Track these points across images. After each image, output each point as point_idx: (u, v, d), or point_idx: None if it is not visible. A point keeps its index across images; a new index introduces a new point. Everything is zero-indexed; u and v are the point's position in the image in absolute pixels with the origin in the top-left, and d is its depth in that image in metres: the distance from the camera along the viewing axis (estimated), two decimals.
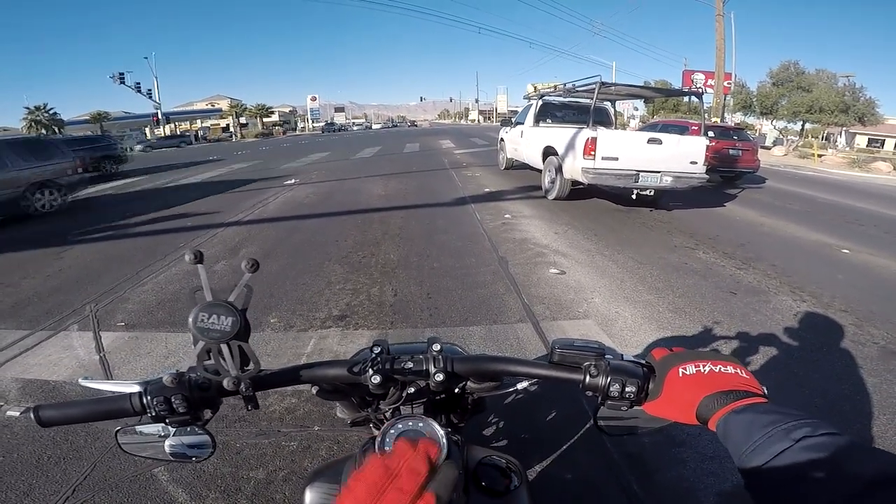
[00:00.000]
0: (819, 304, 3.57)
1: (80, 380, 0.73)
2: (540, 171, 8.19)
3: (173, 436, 0.65)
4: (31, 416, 0.59)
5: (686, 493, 1.73)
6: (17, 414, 0.62)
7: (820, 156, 19.87)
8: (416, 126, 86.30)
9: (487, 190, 8.70)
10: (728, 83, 25.27)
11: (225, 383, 0.56)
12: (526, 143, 9.12)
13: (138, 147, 35.49)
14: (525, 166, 9.89)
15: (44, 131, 37.47)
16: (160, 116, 43.55)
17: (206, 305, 0.54)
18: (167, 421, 0.60)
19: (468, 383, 0.75)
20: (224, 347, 0.55)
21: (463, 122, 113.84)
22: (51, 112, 38.11)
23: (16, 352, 2.86)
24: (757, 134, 29.34)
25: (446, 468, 0.45)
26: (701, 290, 3.78)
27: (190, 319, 0.53)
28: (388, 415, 0.75)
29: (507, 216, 6.41)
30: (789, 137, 28.04)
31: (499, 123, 12.66)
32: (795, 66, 27.58)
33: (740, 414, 0.47)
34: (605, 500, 1.71)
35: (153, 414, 0.58)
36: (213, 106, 67.87)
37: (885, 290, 3.96)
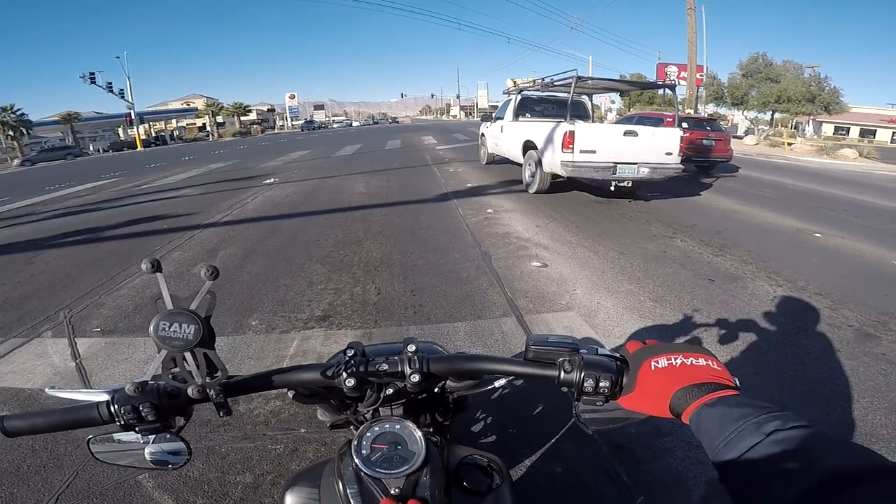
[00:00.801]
0: (794, 288, 3.67)
1: (46, 389, 0.71)
2: (520, 165, 8.22)
3: (153, 443, 0.64)
4: None
5: (675, 482, 1.76)
6: None
7: (790, 144, 20.42)
8: (397, 123, 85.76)
9: (469, 185, 8.71)
10: (700, 75, 25.76)
11: (190, 391, 0.56)
12: (506, 137, 9.14)
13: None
14: (506, 161, 9.92)
15: (10, 133, 36.13)
16: (133, 116, 42.38)
17: (166, 314, 0.53)
18: (137, 429, 0.59)
19: (447, 382, 0.75)
20: (188, 355, 0.54)
21: (444, 118, 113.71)
22: (18, 113, 36.70)
23: None
24: (729, 124, 30.02)
25: None
26: (680, 278, 3.85)
27: (151, 328, 0.53)
28: (367, 416, 0.74)
29: (489, 211, 6.43)
30: (760, 127, 28.71)
31: (480, 119, 12.66)
32: (764, 57, 28.31)
33: (712, 407, 0.47)
34: (595, 492, 1.72)
35: (122, 422, 0.58)
36: (188, 105, 66.34)
37: (857, 273, 4.09)
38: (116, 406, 0.57)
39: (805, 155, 17.74)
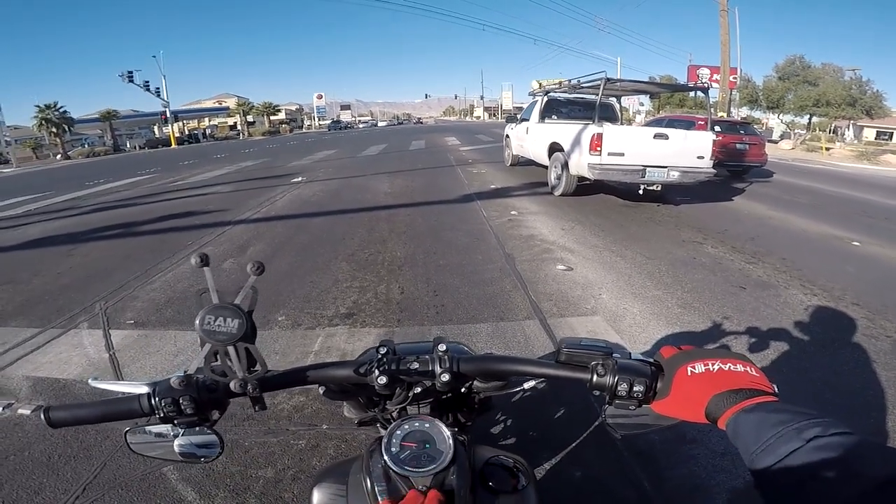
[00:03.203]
0: (830, 297, 3.53)
1: (89, 380, 0.73)
2: (546, 167, 8.15)
3: (182, 436, 0.65)
4: (42, 416, 0.59)
5: (697, 490, 1.72)
6: (29, 412, 0.62)
7: (828, 149, 19.66)
8: (421, 123, 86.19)
9: (493, 186, 8.68)
10: (733, 77, 25.10)
11: (232, 385, 0.57)
12: (531, 139, 9.08)
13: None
14: (531, 163, 9.84)
15: (54, 130, 37.72)
16: (168, 115, 43.82)
17: (212, 308, 0.54)
18: (175, 422, 0.60)
19: (475, 383, 0.75)
20: (231, 349, 0.55)
21: (468, 119, 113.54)
22: (61, 111, 38.32)
23: (26, 350, 2.89)
24: (763, 128, 29.07)
25: None
26: (710, 285, 3.76)
27: (196, 322, 0.54)
28: (394, 415, 0.75)
29: (513, 213, 6.40)
30: (796, 131, 27.76)
31: (504, 120, 12.60)
32: (801, 60, 27.38)
33: (750, 413, 0.46)
34: (616, 498, 1.70)
35: (161, 415, 0.59)
36: (220, 104, 68.12)
37: None
38: (157, 399, 0.59)
39: (844, 160, 17.04)
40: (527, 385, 0.78)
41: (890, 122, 37.22)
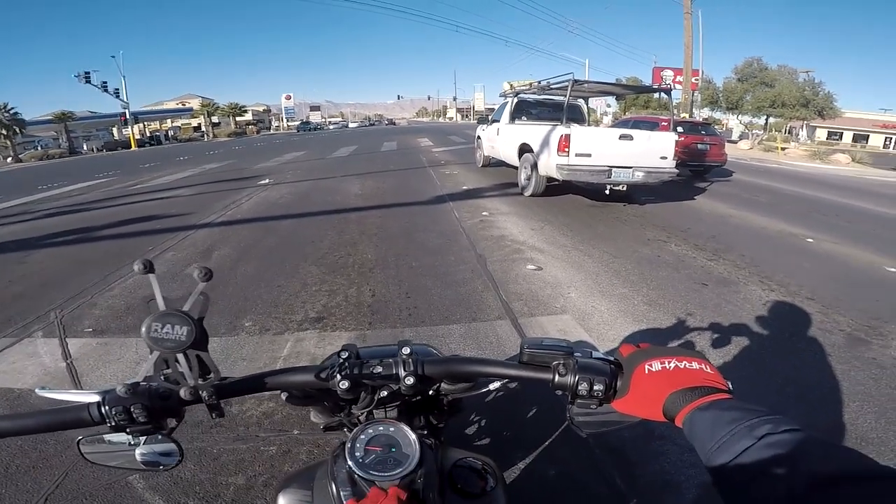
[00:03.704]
0: (787, 292, 3.69)
1: (36, 389, 0.71)
2: (516, 168, 8.24)
3: (144, 444, 0.64)
4: None
5: (668, 484, 1.77)
6: None
7: (783, 149, 20.58)
8: (393, 124, 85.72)
9: (465, 188, 8.72)
10: (696, 79, 25.90)
11: (182, 393, 0.56)
12: (502, 140, 9.16)
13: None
14: (502, 164, 9.93)
15: (3, 132, 35.75)
16: (128, 116, 42.18)
17: (159, 315, 0.53)
18: (128, 430, 0.59)
19: (442, 385, 0.75)
20: (181, 357, 0.54)
21: (441, 120, 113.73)
22: (11, 112, 36.32)
23: None
24: (724, 129, 30.23)
25: None
26: (674, 282, 3.87)
27: (143, 330, 0.53)
28: (361, 419, 0.74)
29: (484, 213, 6.44)
30: (754, 132, 28.92)
31: (476, 121, 12.67)
32: (758, 62, 28.50)
33: (705, 411, 0.47)
34: (589, 495, 1.73)
35: (113, 423, 0.57)
36: (183, 105, 66.04)
37: (849, 278, 4.13)
38: (107, 407, 0.57)
39: (798, 160, 17.89)
40: (492, 386, 0.78)
41: (840, 123, 39.28)
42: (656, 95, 25.17)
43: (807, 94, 26.50)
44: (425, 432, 0.77)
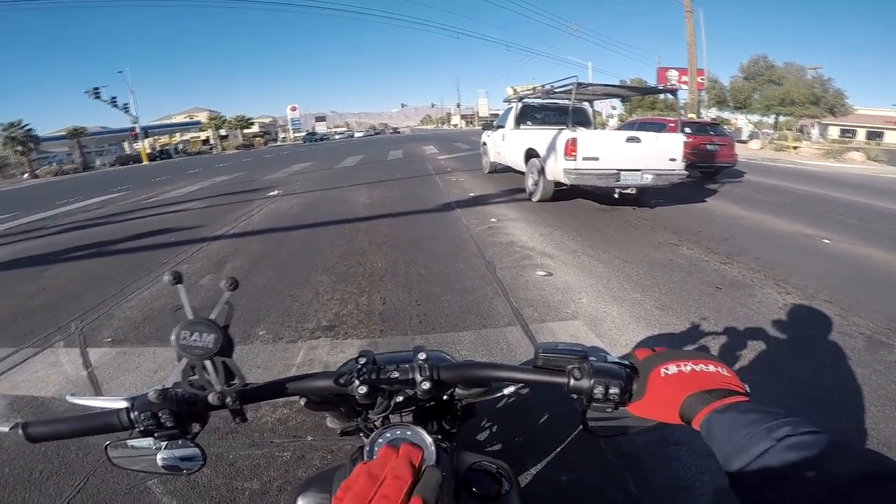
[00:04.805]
0: (804, 295, 3.63)
1: (67, 396, 0.74)
2: (523, 173, 8.24)
3: (165, 449, 0.66)
4: (20, 432, 0.59)
5: (682, 490, 1.75)
6: (6, 430, 0.61)
7: (795, 148, 20.34)
8: (398, 133, 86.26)
9: (472, 194, 8.72)
10: (701, 79, 25.72)
11: (210, 398, 0.57)
12: (508, 146, 9.17)
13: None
14: (508, 169, 9.94)
15: (19, 148, 36.54)
16: (138, 131, 42.93)
17: (187, 324, 0.55)
18: (156, 435, 0.60)
19: (456, 390, 0.75)
20: (208, 363, 0.56)
21: (445, 127, 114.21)
22: (25, 128, 37.15)
23: (1, 369, 2.84)
24: (733, 128, 29.91)
25: (430, 471, 0.46)
26: (687, 286, 3.83)
27: (172, 338, 0.55)
28: (377, 423, 0.75)
29: (492, 220, 6.44)
30: (764, 131, 28.64)
31: (480, 127, 12.71)
32: (765, 59, 28.22)
33: (722, 414, 0.47)
34: (603, 500, 1.71)
35: (141, 429, 0.59)
36: (191, 119, 67.02)
37: (867, 279, 4.05)
38: (136, 413, 0.59)
39: (811, 158, 17.66)
40: (507, 391, 0.79)
41: (852, 120, 38.73)
42: (662, 96, 25.09)
43: (816, 92, 26.17)
44: (439, 437, 0.77)
